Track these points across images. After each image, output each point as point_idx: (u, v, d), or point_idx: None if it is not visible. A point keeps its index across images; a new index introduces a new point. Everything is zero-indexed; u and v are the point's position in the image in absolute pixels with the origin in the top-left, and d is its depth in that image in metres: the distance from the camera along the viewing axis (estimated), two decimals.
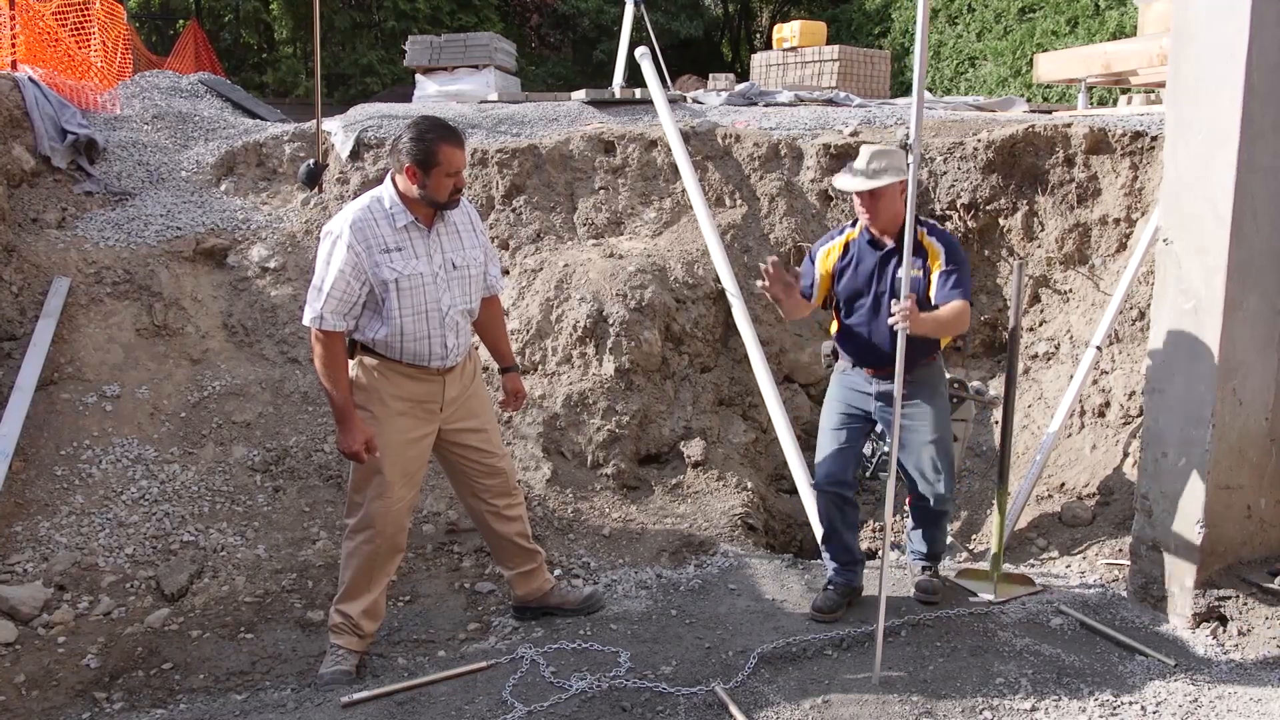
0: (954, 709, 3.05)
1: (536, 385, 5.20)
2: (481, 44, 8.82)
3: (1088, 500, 4.76)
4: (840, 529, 3.85)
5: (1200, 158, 3.50)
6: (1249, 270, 3.49)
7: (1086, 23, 11.73)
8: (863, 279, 3.76)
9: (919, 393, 3.74)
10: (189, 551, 4.28)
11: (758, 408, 5.44)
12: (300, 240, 5.82)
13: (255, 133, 6.71)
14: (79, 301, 5.16)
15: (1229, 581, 3.60)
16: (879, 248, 3.74)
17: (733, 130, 6.33)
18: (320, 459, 4.84)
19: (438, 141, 3.23)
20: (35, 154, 5.87)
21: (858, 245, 3.80)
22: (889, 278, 3.68)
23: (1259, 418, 3.65)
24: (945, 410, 3.88)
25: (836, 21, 15.96)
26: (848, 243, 3.84)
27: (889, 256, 3.70)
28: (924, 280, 3.63)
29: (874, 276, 3.73)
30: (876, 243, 3.75)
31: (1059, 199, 5.66)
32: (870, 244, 3.76)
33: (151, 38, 17.34)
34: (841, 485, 3.79)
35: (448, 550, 4.42)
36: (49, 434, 4.65)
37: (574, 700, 3.12)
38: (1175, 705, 3.06)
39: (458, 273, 3.43)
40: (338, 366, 3.29)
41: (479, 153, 6.18)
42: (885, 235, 3.71)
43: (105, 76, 7.88)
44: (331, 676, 3.40)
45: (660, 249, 5.78)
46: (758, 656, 3.33)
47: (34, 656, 3.66)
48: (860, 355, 3.81)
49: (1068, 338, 5.47)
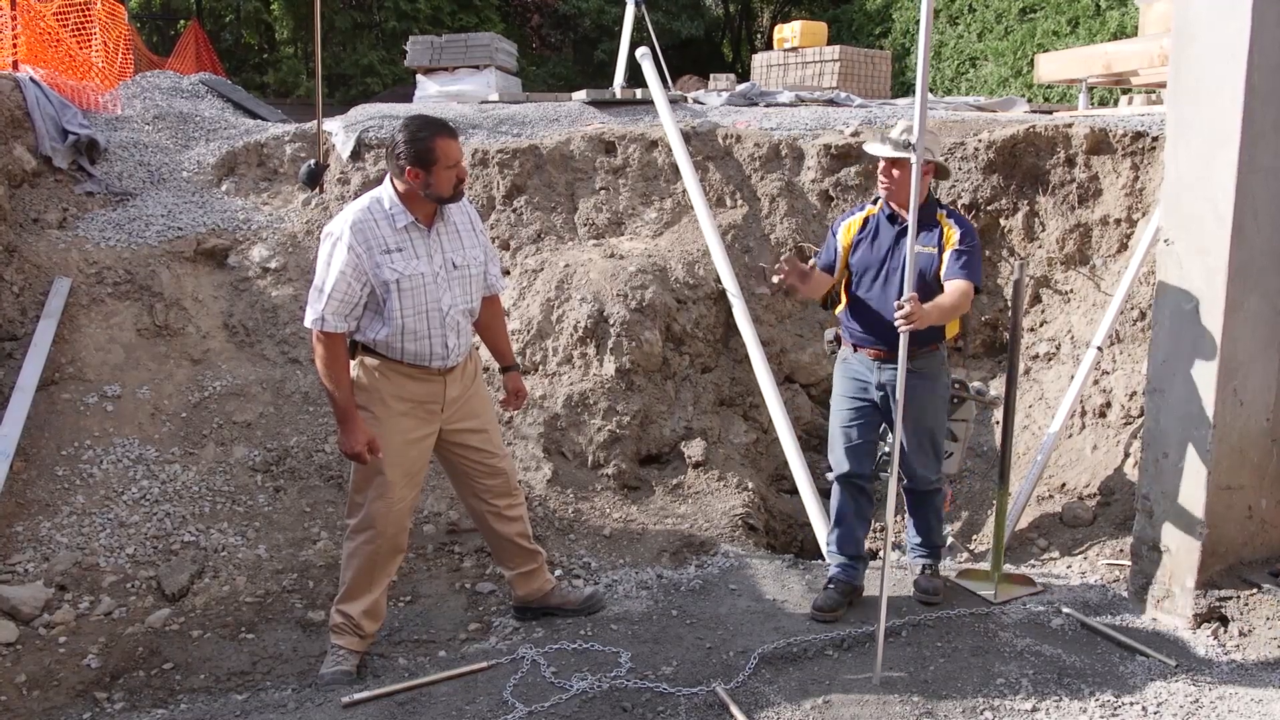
0: (955, 709, 3.05)
1: (537, 385, 5.20)
2: (482, 44, 8.83)
3: (1088, 501, 4.76)
4: (852, 519, 3.92)
5: (1201, 158, 3.50)
6: (1250, 271, 3.49)
7: (1087, 23, 11.73)
8: (877, 253, 3.83)
9: (918, 381, 3.75)
10: (190, 552, 4.28)
11: (758, 408, 5.44)
12: (301, 241, 5.83)
13: (256, 133, 6.71)
14: (80, 302, 5.17)
15: (1230, 582, 3.60)
16: (896, 222, 3.82)
17: (733, 130, 6.33)
18: (321, 459, 4.85)
19: (432, 138, 3.23)
20: (36, 154, 5.88)
21: (876, 220, 3.88)
22: (903, 254, 3.70)
23: (1260, 418, 3.65)
24: (942, 399, 3.97)
25: (837, 22, 15.96)
26: (868, 217, 3.93)
27: (905, 233, 3.71)
28: (936, 259, 3.72)
29: (889, 252, 3.81)
30: (895, 217, 3.83)
31: (1060, 199, 5.66)
32: (889, 219, 3.84)
33: (152, 38, 17.36)
34: (859, 478, 3.89)
35: (448, 550, 4.43)
36: (50, 434, 4.65)
37: (574, 700, 3.12)
38: (1176, 706, 3.06)
39: (458, 272, 3.43)
40: (339, 367, 3.30)
41: (480, 153, 6.18)
42: (904, 211, 3.77)
43: (106, 77, 7.88)
44: (332, 676, 3.40)
45: (661, 249, 5.78)
46: (758, 657, 3.33)
47: (35, 656, 3.66)
48: (866, 330, 3.84)
49: (1069, 338, 5.47)
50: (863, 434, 3.88)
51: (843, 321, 3.98)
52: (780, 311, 5.84)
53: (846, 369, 3.94)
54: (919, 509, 4.05)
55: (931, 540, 4.04)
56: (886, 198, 3.82)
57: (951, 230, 3.75)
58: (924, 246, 3.71)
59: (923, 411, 3.82)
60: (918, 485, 3.95)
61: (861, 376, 3.86)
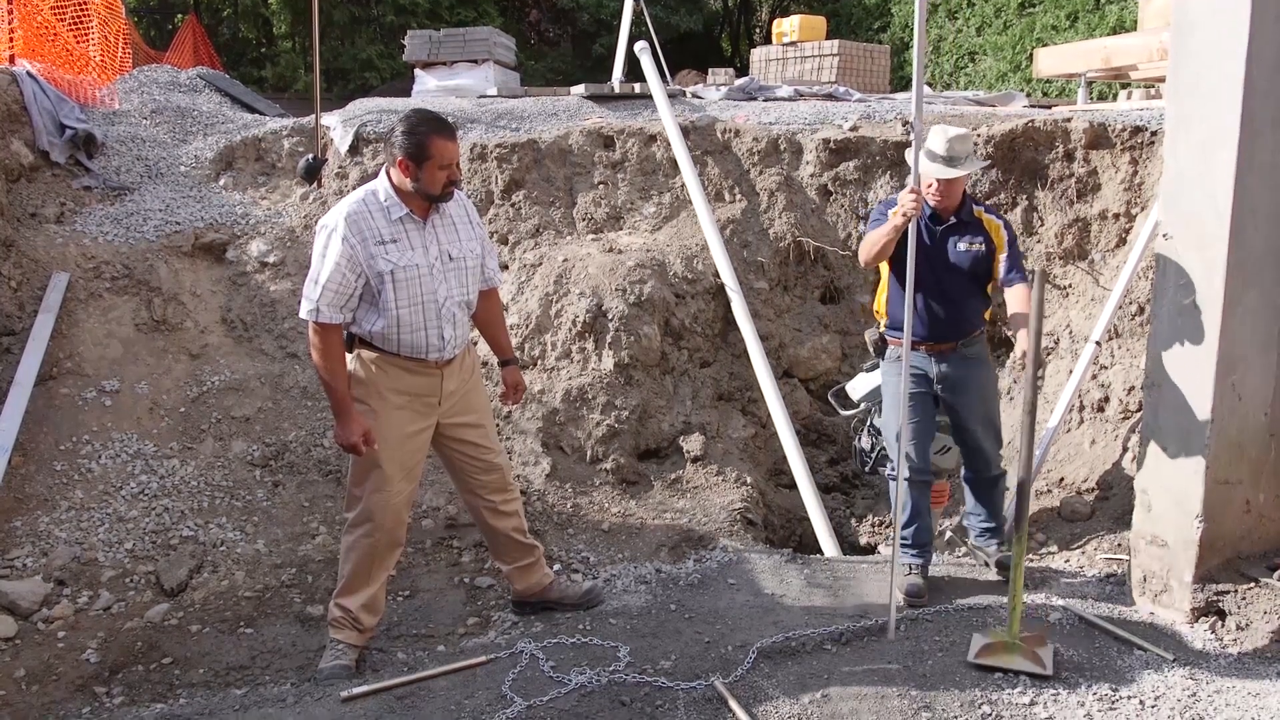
0: (953, 703, 3.06)
1: (536, 380, 5.20)
2: (481, 39, 8.81)
3: (1087, 495, 4.77)
4: (925, 513, 4.02)
5: (1200, 153, 3.50)
6: (1249, 266, 3.49)
7: (1086, 17, 11.72)
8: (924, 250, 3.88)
9: (971, 366, 3.96)
10: (188, 546, 4.28)
11: (757, 403, 5.44)
12: (299, 235, 5.81)
13: (254, 128, 6.70)
14: (78, 296, 5.16)
15: (1227, 576, 3.60)
16: (939, 221, 3.92)
17: (732, 125, 6.32)
18: (319, 454, 4.84)
19: (429, 135, 3.23)
20: (34, 149, 5.86)
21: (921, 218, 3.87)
22: (950, 252, 3.90)
23: (1258, 413, 3.65)
24: (994, 381, 4.17)
25: (836, 16, 15.91)
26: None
27: (949, 232, 3.92)
28: (986, 255, 3.89)
29: (937, 249, 3.91)
30: (937, 217, 3.92)
31: (1059, 194, 5.66)
32: (931, 218, 3.93)
33: (150, 32, 17.31)
34: (925, 473, 3.99)
35: (447, 545, 4.43)
36: (48, 429, 4.65)
37: (573, 695, 3.12)
38: (1173, 699, 3.07)
39: (454, 264, 3.43)
40: (335, 359, 3.30)
41: (478, 148, 6.17)
42: (946, 212, 3.91)
43: (104, 71, 7.86)
44: (331, 671, 3.40)
45: (659, 244, 5.77)
46: (757, 651, 3.33)
47: (34, 651, 3.66)
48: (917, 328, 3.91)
49: (1067, 333, 5.47)
50: (924, 431, 3.98)
51: (890, 318, 4.04)
52: (779, 306, 5.84)
53: (900, 367, 3.95)
54: (987, 494, 4.16)
55: (998, 522, 4.17)
56: (936, 206, 3.90)
57: (1000, 232, 3.91)
58: (971, 244, 3.88)
59: (985, 397, 4.01)
60: (991, 471, 4.08)
61: (918, 369, 3.93)
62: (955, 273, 3.89)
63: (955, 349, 3.96)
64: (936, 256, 3.89)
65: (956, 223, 3.91)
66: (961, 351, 3.96)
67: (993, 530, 4.18)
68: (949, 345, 3.95)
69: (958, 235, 3.89)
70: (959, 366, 3.97)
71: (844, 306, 5.99)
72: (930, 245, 3.89)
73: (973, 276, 3.90)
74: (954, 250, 3.89)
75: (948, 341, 3.94)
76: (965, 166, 3.81)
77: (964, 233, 3.90)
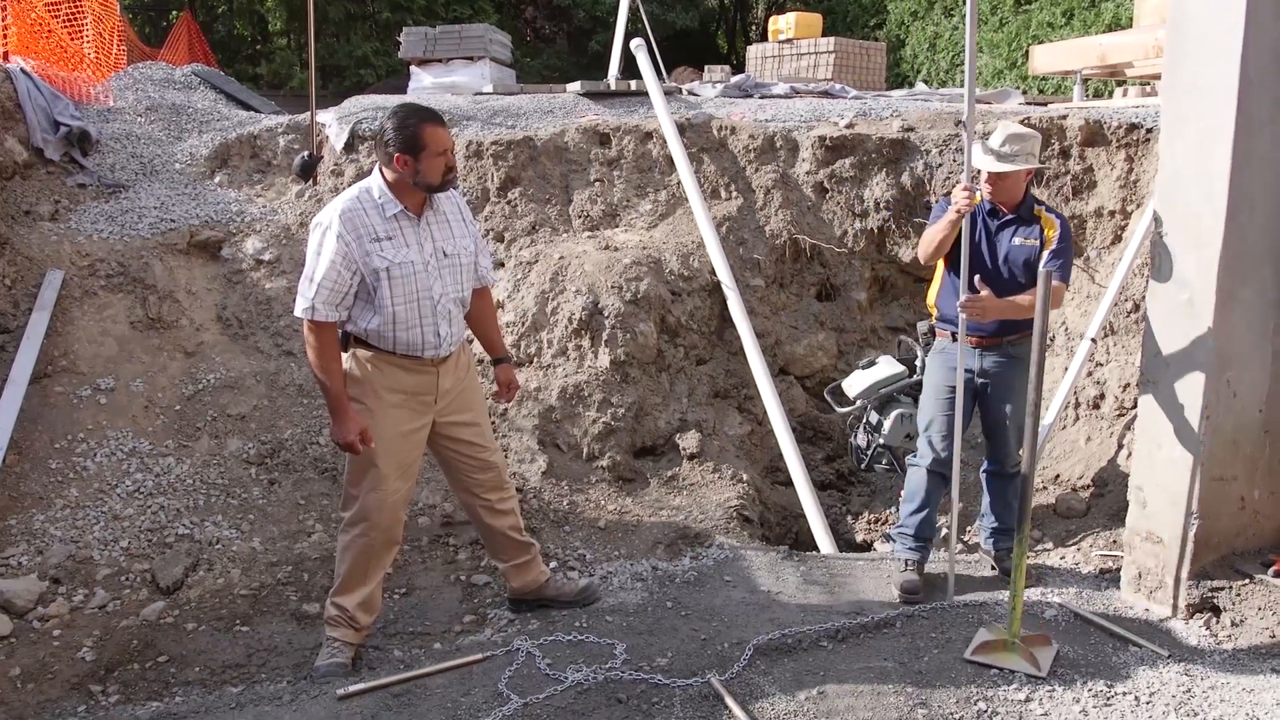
0: (948, 699, 3.06)
1: (532, 378, 5.20)
2: (476, 36, 8.78)
3: (1082, 492, 4.77)
4: (934, 507, 4.05)
5: (1196, 150, 3.50)
6: (1244, 262, 3.49)
7: (1082, 14, 11.72)
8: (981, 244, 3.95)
9: (1016, 366, 3.95)
10: (184, 545, 4.27)
11: (753, 400, 5.44)
12: (295, 233, 5.80)
13: (249, 125, 6.68)
14: (73, 294, 5.14)
15: (1222, 572, 3.61)
16: (997, 216, 3.96)
17: (728, 122, 6.31)
18: (315, 452, 4.84)
19: (420, 125, 3.24)
20: (28, 146, 5.84)
21: (979, 212, 3.95)
22: (1004, 246, 3.93)
23: (1253, 410, 3.66)
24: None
25: (832, 13, 15.92)
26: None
27: (1005, 225, 3.95)
28: (1037, 251, 3.89)
29: (994, 243, 3.95)
30: (995, 212, 3.95)
31: (1054, 191, 5.66)
32: (990, 213, 3.96)
33: (145, 29, 17.26)
34: (946, 465, 3.99)
35: (443, 543, 4.42)
36: (43, 427, 4.64)
37: (570, 692, 3.12)
38: (1168, 695, 3.08)
39: (449, 261, 3.43)
40: (330, 357, 3.29)
41: (474, 145, 6.16)
42: (1004, 206, 3.94)
43: (98, 68, 7.83)
44: (327, 669, 3.40)
45: (656, 241, 5.77)
46: (753, 648, 3.33)
47: (29, 650, 3.66)
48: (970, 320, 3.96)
49: (1062, 329, 5.48)
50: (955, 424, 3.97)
51: (940, 312, 4.08)
52: (775, 303, 5.84)
53: (946, 359, 4.01)
54: (1004, 492, 4.18)
55: (1007, 525, 4.17)
56: (991, 199, 3.93)
57: (1052, 229, 3.90)
58: (1025, 239, 3.91)
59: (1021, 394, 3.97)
60: (1010, 466, 4.10)
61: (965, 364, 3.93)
62: (1008, 268, 3.92)
63: (1001, 345, 3.97)
64: (991, 251, 3.93)
65: (1015, 219, 3.94)
66: (1007, 349, 3.96)
67: (1002, 534, 4.19)
68: (996, 340, 3.96)
69: (1014, 231, 3.93)
70: (1003, 364, 3.98)
71: (840, 304, 5.99)
72: (986, 240, 3.93)
73: (1025, 273, 3.91)
74: (1009, 245, 3.92)
75: (995, 337, 3.95)
76: (1013, 164, 3.82)
77: (1020, 229, 3.93)
